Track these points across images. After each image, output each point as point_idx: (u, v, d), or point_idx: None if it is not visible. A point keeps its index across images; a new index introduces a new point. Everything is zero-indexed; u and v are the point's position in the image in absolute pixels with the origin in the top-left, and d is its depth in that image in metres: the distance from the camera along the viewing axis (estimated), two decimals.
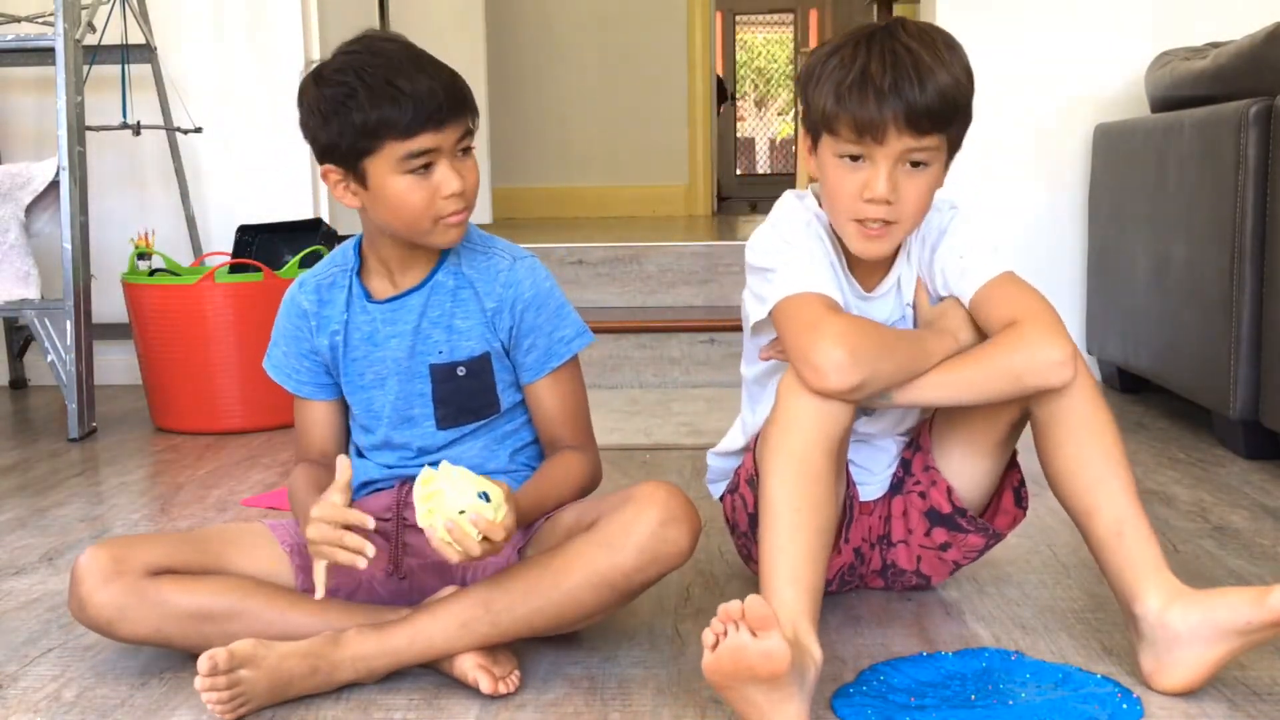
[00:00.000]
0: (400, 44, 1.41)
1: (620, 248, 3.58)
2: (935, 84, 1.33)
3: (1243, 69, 2.39)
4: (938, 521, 1.57)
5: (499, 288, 1.49)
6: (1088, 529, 1.40)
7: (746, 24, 12.27)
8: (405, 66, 1.37)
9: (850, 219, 1.40)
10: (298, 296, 1.55)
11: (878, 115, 1.33)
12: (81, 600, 1.39)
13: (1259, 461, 2.36)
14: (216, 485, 2.36)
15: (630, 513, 1.35)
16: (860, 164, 1.37)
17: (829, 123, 1.37)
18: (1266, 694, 1.34)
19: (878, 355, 1.33)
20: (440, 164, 1.39)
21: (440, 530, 1.29)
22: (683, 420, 2.82)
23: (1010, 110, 3.23)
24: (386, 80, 1.36)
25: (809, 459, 1.32)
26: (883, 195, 1.36)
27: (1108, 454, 1.39)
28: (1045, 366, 1.35)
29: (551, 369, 1.52)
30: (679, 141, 6.15)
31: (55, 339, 2.80)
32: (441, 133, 1.38)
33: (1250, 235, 2.28)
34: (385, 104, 1.36)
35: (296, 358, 1.56)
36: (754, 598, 1.15)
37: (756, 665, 1.15)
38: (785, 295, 1.40)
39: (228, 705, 1.29)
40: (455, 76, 1.41)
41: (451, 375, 1.50)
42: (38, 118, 3.46)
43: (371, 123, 1.36)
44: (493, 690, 1.35)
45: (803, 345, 1.34)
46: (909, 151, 1.36)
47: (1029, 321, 1.37)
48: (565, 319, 1.53)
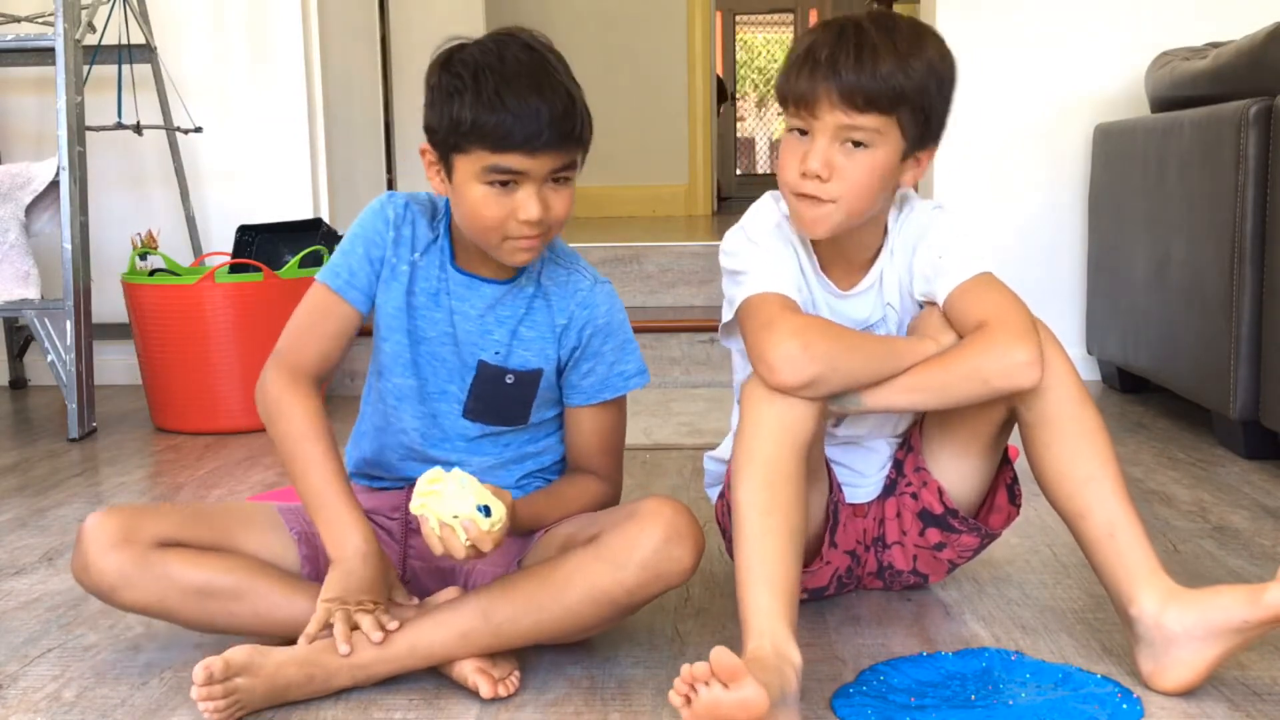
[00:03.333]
0: (537, 55, 1.36)
1: (620, 248, 3.58)
2: (875, 65, 1.32)
3: (1243, 69, 2.39)
4: (931, 522, 1.57)
5: (574, 305, 1.48)
6: (1079, 531, 1.40)
7: (746, 24, 12.28)
8: (524, 82, 1.32)
9: (792, 193, 1.40)
10: (388, 205, 1.47)
11: (810, 89, 1.34)
12: (86, 563, 1.38)
13: (1259, 461, 2.36)
14: (216, 485, 2.36)
15: (634, 529, 1.34)
16: (804, 139, 1.37)
17: (780, 97, 1.40)
18: (1266, 694, 1.34)
19: (835, 351, 1.33)
20: (525, 186, 1.35)
21: (432, 522, 1.30)
22: (683, 420, 2.82)
23: (1010, 110, 3.23)
24: (498, 89, 1.32)
25: (775, 463, 1.32)
26: (814, 170, 1.35)
27: (1096, 454, 1.39)
28: (1012, 368, 1.34)
29: (602, 400, 1.51)
30: (679, 141, 6.15)
31: (55, 339, 2.80)
32: (535, 159, 1.33)
33: (1250, 235, 2.28)
34: (486, 112, 1.32)
35: (361, 260, 1.46)
36: (718, 650, 1.12)
37: (736, 715, 1.12)
38: (747, 296, 1.40)
39: (224, 714, 1.29)
40: (573, 106, 1.34)
41: (499, 379, 1.48)
42: (38, 118, 3.46)
43: (467, 125, 1.33)
44: (492, 694, 1.34)
45: (758, 343, 1.35)
46: (845, 129, 1.34)
47: (996, 323, 1.36)
48: (629, 354, 1.52)
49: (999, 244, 3.17)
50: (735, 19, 11.38)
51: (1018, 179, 3.26)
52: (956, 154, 3.25)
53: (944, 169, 3.26)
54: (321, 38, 3.46)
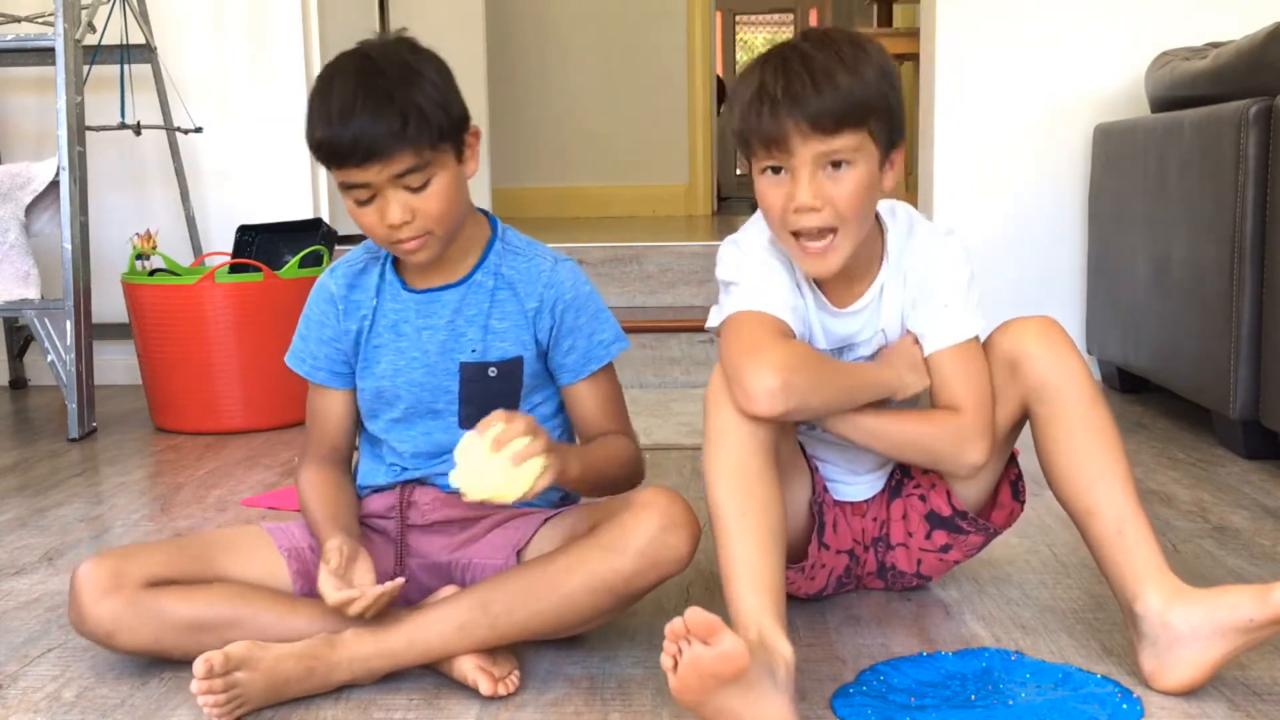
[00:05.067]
0: (368, 63, 1.37)
1: (620, 248, 3.58)
2: (832, 85, 1.30)
3: (1243, 69, 2.39)
4: (938, 524, 1.57)
5: (541, 288, 1.49)
6: (1087, 528, 1.40)
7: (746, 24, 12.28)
8: (345, 96, 1.34)
9: (787, 233, 1.38)
10: (327, 282, 1.55)
11: (776, 127, 1.31)
12: (81, 614, 1.39)
13: (1259, 461, 2.36)
14: (216, 485, 2.36)
15: (630, 518, 1.35)
16: (782, 176, 1.35)
17: (743, 143, 1.37)
18: (1266, 694, 1.34)
19: (810, 389, 1.34)
20: (380, 195, 1.38)
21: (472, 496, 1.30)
22: (682, 420, 2.82)
23: (1010, 110, 3.23)
24: (323, 108, 1.36)
25: (745, 465, 1.33)
26: (807, 203, 1.33)
27: (1108, 453, 1.40)
28: (962, 464, 1.43)
29: (590, 372, 1.52)
30: (679, 141, 6.15)
31: (55, 339, 2.80)
32: (367, 170, 1.36)
33: (1250, 235, 2.28)
34: (316, 132, 1.37)
35: (317, 343, 1.54)
36: (692, 610, 1.14)
37: (718, 669, 1.14)
38: (735, 310, 1.40)
39: (224, 708, 1.29)
40: (396, 110, 1.34)
41: (482, 375, 1.49)
42: (38, 118, 3.46)
43: (312, 147, 1.39)
44: (492, 692, 1.35)
45: (740, 365, 1.33)
46: (824, 155, 1.32)
47: (968, 416, 1.42)
48: (604, 323, 1.53)
49: (998, 244, 3.18)
50: (735, 19, 11.38)
51: (1018, 179, 3.26)
52: (957, 154, 3.25)
53: (944, 169, 3.26)
54: (321, 38, 3.45)
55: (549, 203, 6.00)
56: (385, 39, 1.43)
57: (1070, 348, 1.43)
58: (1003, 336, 1.46)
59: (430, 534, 1.52)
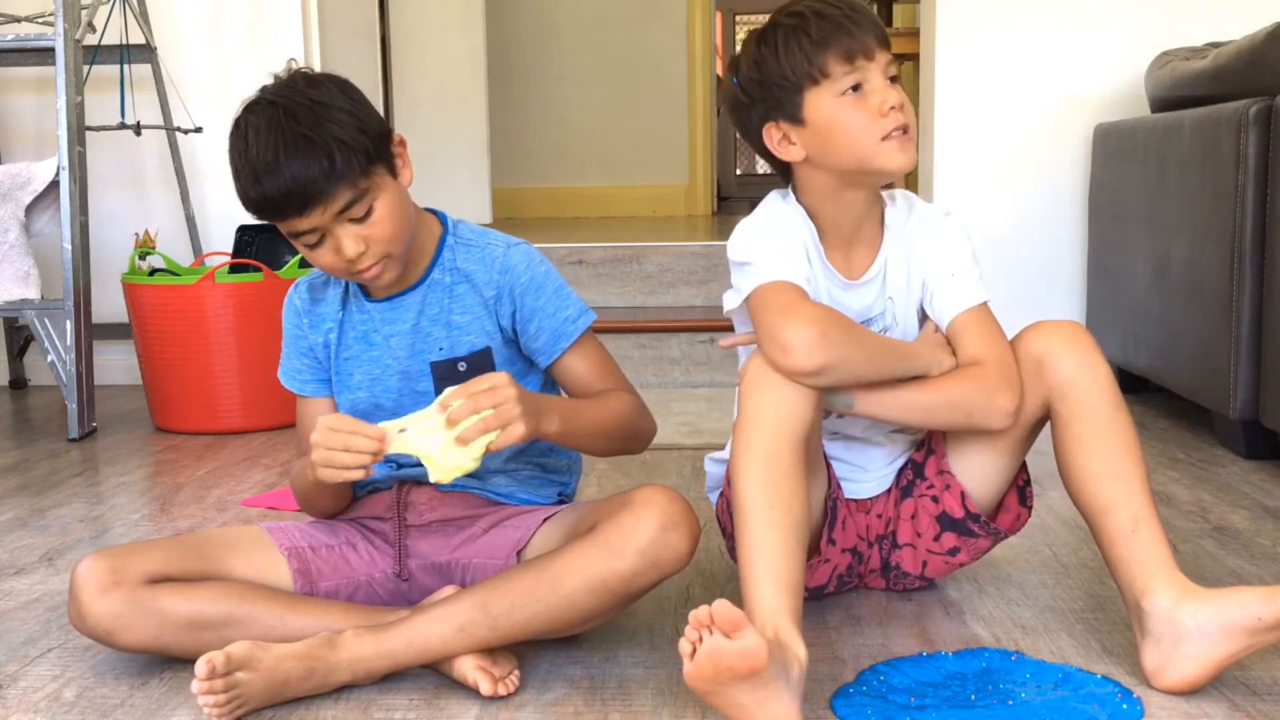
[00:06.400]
0: (275, 112, 1.36)
1: (620, 248, 3.58)
2: (866, 13, 1.44)
3: (1243, 69, 2.39)
4: (949, 526, 1.57)
5: (496, 274, 1.49)
6: (1101, 525, 1.41)
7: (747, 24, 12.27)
8: (267, 153, 1.34)
9: (879, 140, 1.41)
10: (293, 296, 1.57)
11: (858, 39, 1.41)
12: (80, 611, 1.39)
13: (1259, 461, 2.36)
14: (216, 485, 2.36)
15: (630, 517, 1.35)
16: (861, 92, 1.41)
17: (819, 71, 1.41)
18: (1266, 694, 1.34)
19: (847, 342, 1.37)
20: (329, 235, 1.39)
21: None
22: (682, 420, 2.82)
23: (1010, 110, 3.23)
24: (251, 171, 1.36)
25: (776, 456, 1.33)
26: (899, 100, 1.41)
27: (1127, 454, 1.41)
28: (993, 411, 1.43)
29: (564, 348, 1.51)
30: (679, 141, 6.15)
31: (55, 339, 2.80)
32: (308, 216, 1.36)
33: (1250, 235, 2.28)
34: (247, 195, 1.38)
35: (295, 356, 1.57)
36: (720, 602, 1.15)
37: (735, 664, 1.15)
38: (761, 283, 1.42)
39: (225, 708, 1.29)
40: (316, 156, 1.33)
41: (453, 371, 1.49)
42: (38, 118, 3.46)
43: (251, 208, 1.39)
44: (492, 692, 1.35)
45: (774, 325, 1.36)
46: (889, 64, 1.43)
47: (991, 365, 1.44)
48: (566, 300, 1.52)
49: (999, 244, 3.18)
50: (735, 19, 11.37)
51: (1018, 179, 3.26)
52: (957, 154, 3.25)
53: (944, 169, 3.26)
54: (321, 38, 3.45)
55: (549, 203, 6.00)
56: (280, 81, 1.41)
57: (1096, 352, 1.44)
58: (1030, 336, 1.47)
59: (429, 534, 1.52)
